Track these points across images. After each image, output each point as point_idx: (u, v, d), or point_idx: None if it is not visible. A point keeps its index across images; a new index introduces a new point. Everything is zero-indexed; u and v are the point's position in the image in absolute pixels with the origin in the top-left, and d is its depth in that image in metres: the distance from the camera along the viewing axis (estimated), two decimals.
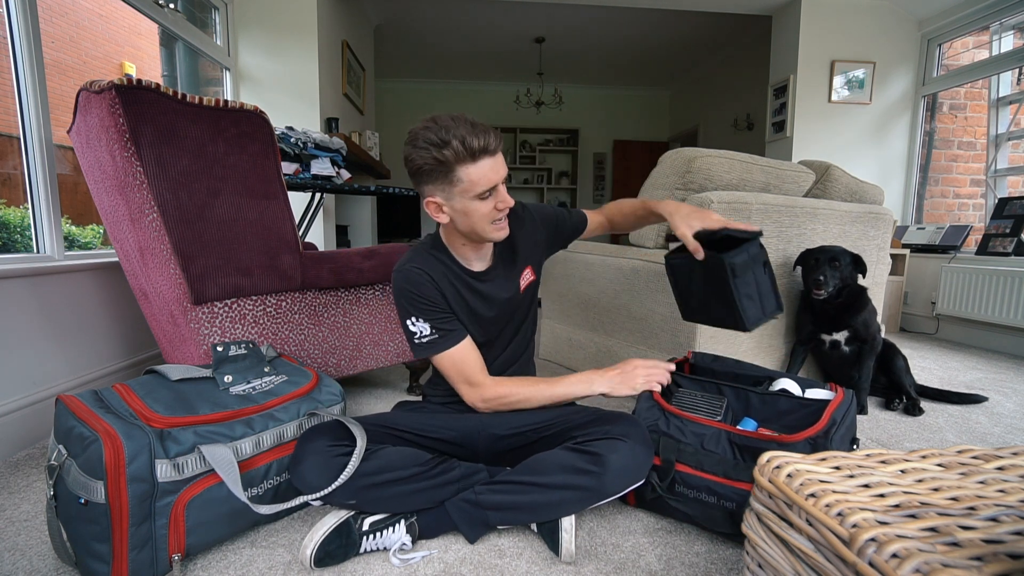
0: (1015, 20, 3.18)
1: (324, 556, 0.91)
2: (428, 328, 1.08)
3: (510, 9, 4.62)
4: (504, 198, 1.02)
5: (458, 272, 1.13)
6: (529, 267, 1.24)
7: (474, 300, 1.15)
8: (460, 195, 1.00)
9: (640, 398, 1.17)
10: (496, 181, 0.99)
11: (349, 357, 1.63)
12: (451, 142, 0.94)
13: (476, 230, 1.05)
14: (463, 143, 0.93)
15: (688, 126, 6.67)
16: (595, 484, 0.95)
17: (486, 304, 1.16)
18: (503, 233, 1.07)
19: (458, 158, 0.95)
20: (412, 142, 0.98)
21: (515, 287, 1.20)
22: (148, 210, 1.19)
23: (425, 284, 1.08)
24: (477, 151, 0.95)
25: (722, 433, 1.07)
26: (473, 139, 0.93)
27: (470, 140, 0.93)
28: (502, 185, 1.01)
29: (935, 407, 1.86)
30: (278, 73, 3.23)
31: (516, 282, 1.20)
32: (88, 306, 1.69)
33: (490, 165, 0.97)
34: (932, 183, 3.86)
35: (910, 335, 3.30)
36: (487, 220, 1.03)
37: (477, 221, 1.02)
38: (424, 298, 1.07)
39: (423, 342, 1.09)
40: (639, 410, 1.16)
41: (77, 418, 0.87)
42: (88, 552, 0.84)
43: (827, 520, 0.54)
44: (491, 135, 0.96)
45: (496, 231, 1.05)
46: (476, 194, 0.99)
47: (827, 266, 1.69)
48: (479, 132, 0.94)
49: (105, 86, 1.11)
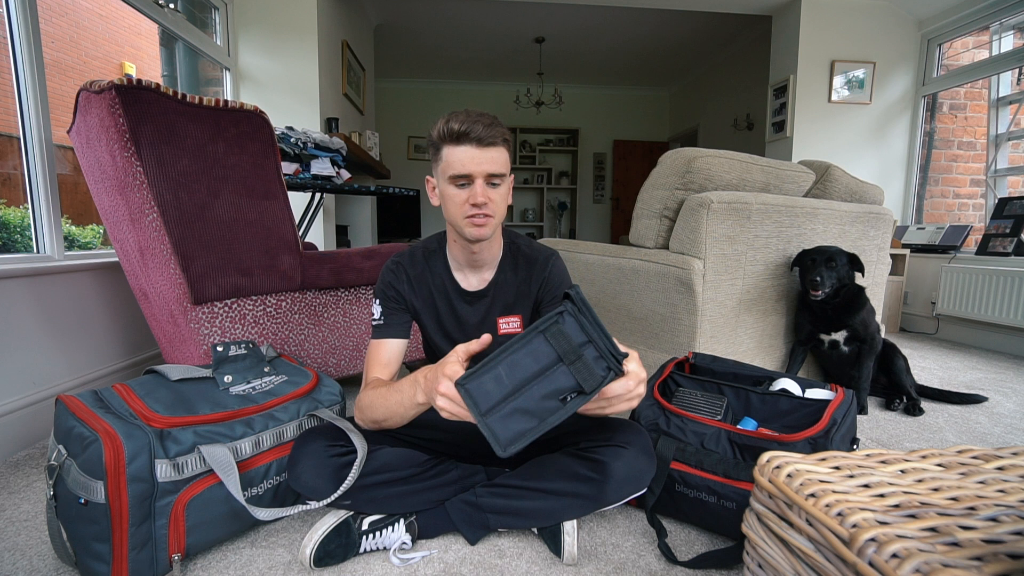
0: (1015, 20, 3.18)
1: (324, 556, 0.91)
2: (379, 312, 1.10)
3: (510, 9, 4.62)
4: (478, 194, 0.98)
5: (446, 283, 1.12)
6: (519, 317, 1.15)
7: (450, 319, 1.12)
8: (441, 175, 1.01)
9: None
10: (471, 171, 0.97)
11: (349, 357, 1.63)
12: (447, 123, 0.97)
13: (451, 219, 1.03)
14: (447, 123, 0.97)
15: (688, 126, 6.67)
16: (596, 492, 0.95)
17: (460, 327, 1.13)
18: (478, 231, 1.01)
19: (443, 138, 0.98)
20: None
21: (493, 326, 1.13)
22: (148, 210, 1.19)
23: (397, 279, 1.11)
24: (458, 134, 0.96)
25: (722, 432, 1.06)
26: (456, 123, 0.95)
27: (454, 123, 0.96)
28: (481, 181, 0.98)
29: (935, 407, 1.86)
30: (278, 73, 3.23)
31: (495, 321, 1.13)
32: (88, 306, 1.69)
33: (470, 154, 0.97)
34: (932, 183, 3.86)
35: (910, 335, 3.30)
36: (460, 211, 1.00)
37: (452, 209, 1.01)
38: (389, 286, 1.10)
39: (373, 323, 1.11)
40: (639, 408, 1.15)
41: (77, 418, 0.87)
42: (88, 552, 0.84)
43: (827, 520, 0.54)
44: (479, 126, 0.95)
45: (470, 226, 1.01)
46: (450, 176, 0.99)
47: (823, 266, 1.69)
48: (470, 119, 0.96)
49: (105, 86, 1.11)
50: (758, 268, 1.80)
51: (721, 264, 1.67)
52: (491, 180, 1.00)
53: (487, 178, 0.99)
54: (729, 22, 4.75)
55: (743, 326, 1.81)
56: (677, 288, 1.67)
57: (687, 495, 1.03)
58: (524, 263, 1.15)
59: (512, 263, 1.15)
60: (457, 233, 1.05)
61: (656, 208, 1.77)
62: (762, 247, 1.78)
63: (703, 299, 1.65)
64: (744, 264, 1.74)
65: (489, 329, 1.12)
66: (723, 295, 1.70)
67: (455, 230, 1.05)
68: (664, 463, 1.04)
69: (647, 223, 1.81)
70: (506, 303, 1.13)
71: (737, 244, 1.70)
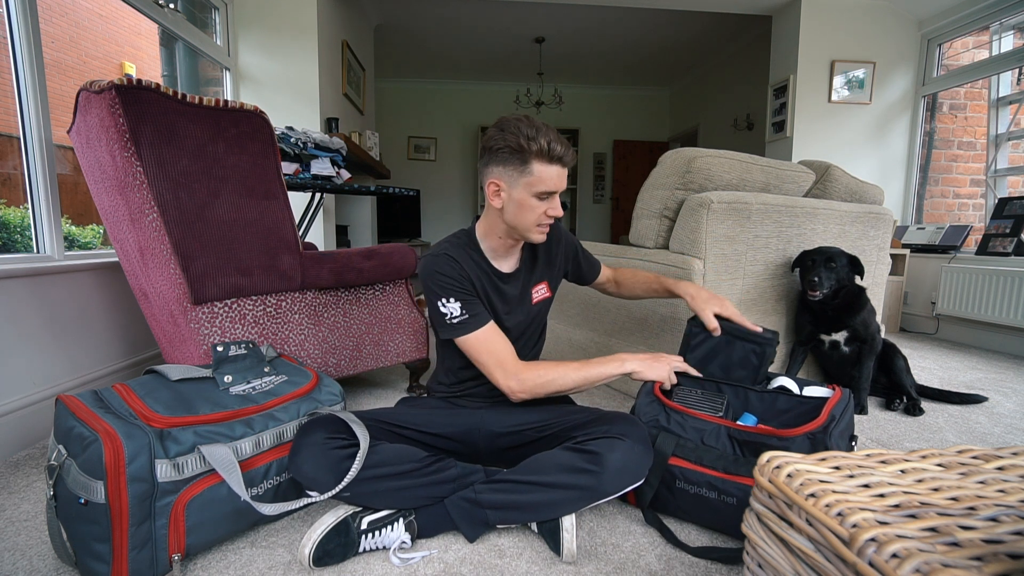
0: (1015, 20, 3.18)
1: (323, 555, 0.91)
2: (459, 308, 1.10)
3: (510, 9, 4.62)
4: (556, 207, 1.11)
5: (486, 270, 1.18)
6: (545, 283, 1.29)
7: (498, 299, 1.19)
8: (524, 187, 1.07)
9: (641, 392, 1.19)
10: (559, 188, 1.09)
11: (349, 357, 1.63)
12: (539, 139, 1.04)
13: (521, 225, 1.11)
14: (549, 144, 1.04)
15: (688, 126, 6.67)
16: (594, 483, 0.96)
17: (507, 305, 1.21)
18: (542, 237, 1.14)
19: (539, 154, 1.05)
20: (501, 126, 1.08)
21: (528, 296, 1.25)
22: (148, 210, 1.19)
23: (456, 269, 1.12)
24: (556, 156, 1.06)
25: (722, 428, 1.07)
26: (558, 145, 1.05)
27: (555, 145, 1.05)
28: (558, 196, 1.11)
29: (935, 407, 1.86)
30: (278, 73, 3.23)
31: (530, 292, 1.25)
32: (88, 306, 1.69)
33: (559, 173, 1.08)
34: (932, 183, 3.86)
35: (910, 335, 3.30)
36: (535, 220, 1.11)
37: (527, 216, 1.10)
38: (455, 280, 1.11)
39: (454, 322, 1.10)
40: (639, 404, 1.17)
41: (77, 418, 0.87)
42: (88, 552, 0.84)
43: (827, 520, 0.54)
44: (570, 152, 1.08)
45: (538, 233, 1.13)
46: (537, 191, 1.07)
47: (823, 267, 1.69)
48: (563, 143, 1.07)
49: (105, 86, 1.11)
50: (758, 268, 1.80)
51: (721, 264, 1.68)
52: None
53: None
54: (729, 22, 4.75)
55: None
56: None
57: (688, 491, 1.04)
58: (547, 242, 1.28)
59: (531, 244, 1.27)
60: (520, 235, 1.14)
61: (656, 208, 1.77)
62: (762, 247, 1.78)
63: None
64: (744, 264, 1.74)
65: (526, 299, 1.25)
66: (723, 295, 1.70)
67: (517, 232, 1.14)
68: (663, 458, 1.05)
69: (647, 223, 1.81)
70: (534, 276, 1.27)
71: (737, 244, 1.70)
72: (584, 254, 1.42)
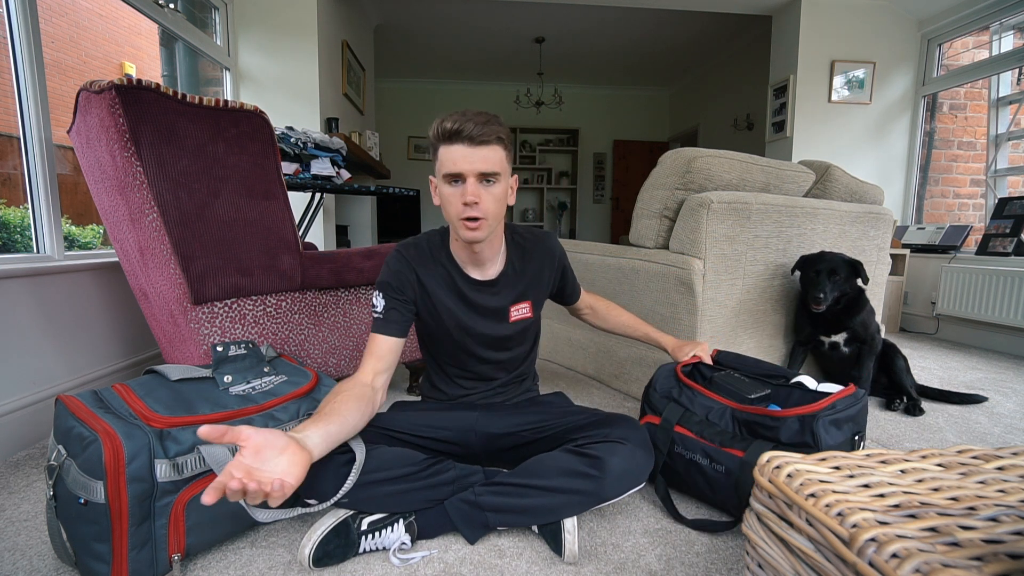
0: (1015, 20, 3.18)
1: (323, 556, 0.91)
2: (381, 306, 1.10)
3: (510, 9, 4.62)
4: (468, 192, 0.98)
5: (452, 273, 1.14)
6: (529, 303, 1.21)
7: (460, 305, 1.15)
8: (438, 174, 1.03)
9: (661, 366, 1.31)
10: (462, 169, 0.97)
11: (349, 357, 1.63)
12: (438, 122, 0.99)
13: (449, 219, 1.05)
14: (441, 123, 0.98)
15: (688, 126, 6.67)
16: (594, 488, 0.95)
17: (472, 313, 1.16)
18: (471, 234, 1.02)
19: (438, 137, 0.99)
20: None
21: (505, 313, 1.18)
22: (148, 210, 1.19)
23: (402, 271, 1.11)
24: (451, 133, 0.97)
25: (727, 409, 1.14)
26: (449, 122, 0.96)
27: (447, 122, 0.97)
28: (473, 179, 0.98)
29: (935, 407, 1.86)
30: (278, 73, 3.23)
31: (508, 309, 1.18)
32: (88, 306, 1.69)
33: (462, 153, 0.97)
34: (932, 183, 3.86)
35: (910, 335, 3.30)
36: (455, 211, 1.01)
37: (448, 208, 1.03)
38: (391, 278, 1.10)
39: (374, 315, 1.11)
40: (657, 376, 1.27)
41: (77, 418, 0.87)
42: (88, 552, 0.84)
43: (827, 520, 0.54)
44: (471, 124, 0.96)
45: (464, 228, 1.01)
46: (444, 175, 1.01)
47: (827, 280, 1.68)
48: (462, 119, 0.96)
49: (105, 86, 1.11)
50: (758, 268, 1.80)
51: (721, 264, 1.67)
52: (484, 179, 1.00)
53: (479, 177, 0.99)
54: (729, 22, 4.75)
55: (743, 326, 1.81)
56: (677, 288, 1.67)
57: (683, 455, 1.12)
58: (534, 254, 1.21)
59: (520, 254, 1.20)
60: (455, 234, 1.07)
61: (656, 208, 1.77)
62: (762, 247, 1.78)
63: (703, 299, 1.65)
64: (744, 264, 1.74)
65: (503, 314, 1.18)
66: (723, 295, 1.70)
67: (454, 231, 1.07)
68: (669, 425, 1.15)
69: (647, 223, 1.81)
70: (517, 292, 1.19)
71: (737, 244, 1.70)
72: (571, 274, 1.35)
